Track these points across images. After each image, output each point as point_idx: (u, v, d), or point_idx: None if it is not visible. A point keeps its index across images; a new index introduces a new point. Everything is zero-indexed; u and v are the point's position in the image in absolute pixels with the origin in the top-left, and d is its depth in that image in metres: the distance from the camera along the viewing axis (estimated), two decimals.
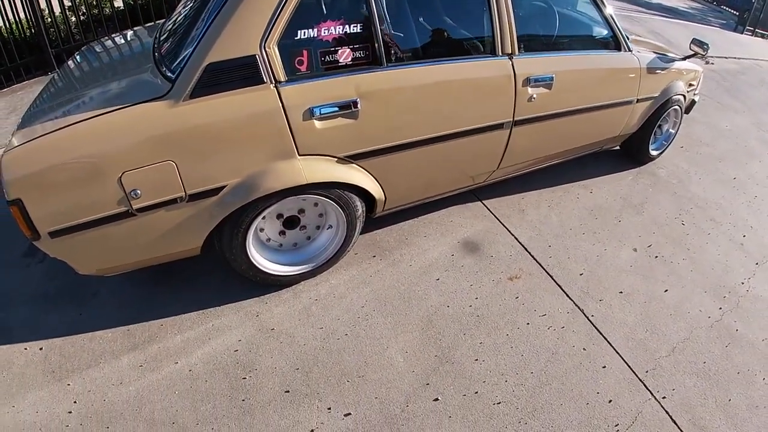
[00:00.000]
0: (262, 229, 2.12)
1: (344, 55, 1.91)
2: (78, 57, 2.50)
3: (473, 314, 2.42)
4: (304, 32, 1.81)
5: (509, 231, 3.01)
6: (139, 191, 1.66)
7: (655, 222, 3.29)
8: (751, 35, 8.82)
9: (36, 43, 4.24)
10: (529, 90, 2.56)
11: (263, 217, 2.01)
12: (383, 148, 2.11)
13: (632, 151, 3.84)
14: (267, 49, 1.73)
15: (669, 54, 3.57)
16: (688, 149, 4.34)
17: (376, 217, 2.50)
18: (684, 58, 3.63)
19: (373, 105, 1.97)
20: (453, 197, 3.01)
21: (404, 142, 2.17)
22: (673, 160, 4.09)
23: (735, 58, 6.95)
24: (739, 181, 3.96)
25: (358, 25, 1.93)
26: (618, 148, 3.85)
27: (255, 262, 2.09)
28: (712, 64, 6.59)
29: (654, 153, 3.88)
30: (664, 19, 8.66)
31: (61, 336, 2.07)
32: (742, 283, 2.93)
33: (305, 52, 1.83)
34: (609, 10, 2.97)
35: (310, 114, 1.82)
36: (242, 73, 1.70)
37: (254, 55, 1.71)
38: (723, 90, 5.88)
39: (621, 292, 2.68)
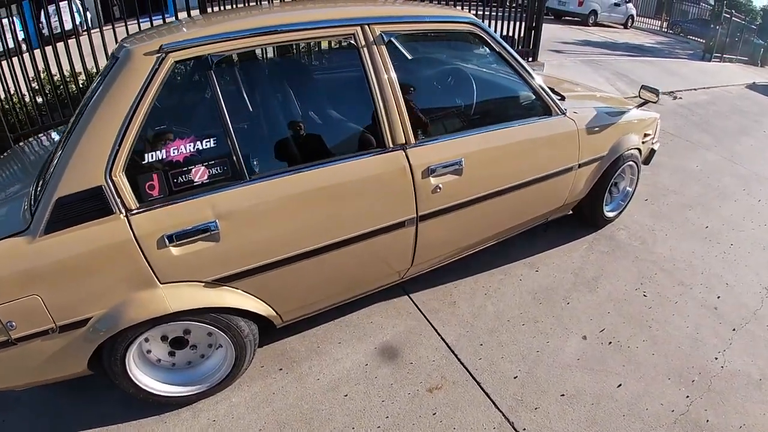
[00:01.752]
0: (149, 351, 2.06)
1: (198, 173, 1.83)
2: None
3: None
4: (152, 155, 1.77)
5: (435, 330, 2.71)
6: (14, 323, 1.68)
7: (611, 298, 2.93)
8: (719, 62, 8.61)
9: None
10: (432, 180, 2.32)
11: (146, 340, 1.98)
12: (257, 267, 1.98)
13: (585, 216, 3.52)
14: (114, 178, 1.70)
15: (617, 106, 3.32)
16: (654, 201, 4.00)
17: (285, 325, 2.34)
18: (637, 107, 3.36)
19: (234, 224, 1.86)
20: (378, 293, 2.74)
21: (282, 258, 2.01)
22: (635, 216, 3.75)
23: (703, 88, 6.69)
24: (711, 231, 3.59)
25: (211, 139, 1.85)
26: (570, 212, 3.53)
27: (142, 385, 2.03)
28: (680, 98, 6.32)
29: (610, 215, 3.56)
30: (630, 58, 8.53)
31: None
32: (716, 358, 2.55)
33: (155, 176, 1.77)
34: (530, 72, 2.75)
35: (165, 241, 1.76)
36: (91, 205, 1.69)
37: (100, 186, 1.68)
38: (692, 125, 5.58)
39: (563, 395, 2.33)
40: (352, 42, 2.17)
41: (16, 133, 4.13)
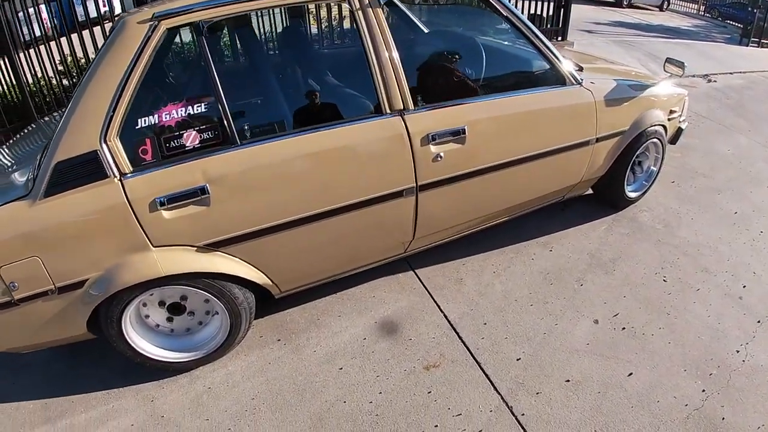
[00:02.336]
0: (147, 316, 2.09)
1: (190, 138, 1.85)
2: (17, 137, 2.61)
3: (371, 413, 2.03)
4: (145, 120, 1.81)
5: (438, 307, 2.60)
6: (16, 284, 1.75)
7: (628, 282, 2.76)
8: (757, 47, 8.19)
9: (23, 110, 4.24)
10: (432, 148, 2.22)
11: (144, 305, 2.03)
12: (249, 233, 1.97)
13: (605, 196, 3.32)
14: (109, 143, 1.74)
15: (640, 80, 3.10)
16: (681, 183, 3.77)
17: (284, 295, 2.34)
18: (660, 82, 3.14)
19: (225, 189, 1.86)
20: (383, 267, 2.66)
21: (274, 224, 1.99)
22: (660, 199, 3.53)
23: (740, 72, 6.34)
24: (741, 216, 3.36)
25: (202, 103, 1.87)
26: (590, 191, 3.34)
27: (139, 349, 2.07)
28: (715, 81, 5.99)
29: (632, 195, 3.36)
30: (664, 40, 8.15)
31: None
32: (737, 351, 2.37)
33: (148, 141, 1.81)
34: (543, 40, 2.57)
35: (157, 205, 1.78)
36: (87, 169, 1.73)
37: (95, 151, 1.73)
38: (726, 108, 5.26)
39: (568, 381, 2.18)
40: (346, 5, 2.08)
41: (43, 114, 4.27)
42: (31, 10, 4.18)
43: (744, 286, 2.78)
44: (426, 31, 3.02)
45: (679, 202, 3.54)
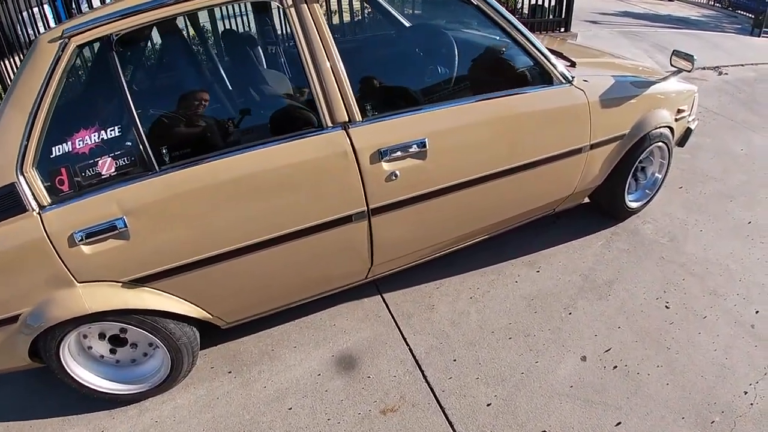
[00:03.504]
0: (90, 347, 2.01)
1: (105, 165, 1.72)
2: None
3: None
4: (60, 147, 1.69)
5: (404, 339, 2.33)
6: None
7: (625, 309, 2.43)
8: None
9: None
10: (385, 166, 1.96)
11: (84, 336, 1.96)
12: (176, 267, 1.82)
13: (603, 207, 2.99)
14: (26, 174, 1.65)
15: (644, 76, 2.77)
16: (689, 188, 3.41)
17: (233, 326, 2.19)
18: (667, 77, 2.78)
19: (144, 221, 1.73)
20: (348, 291, 2.40)
21: (203, 257, 1.83)
22: (665, 207, 3.18)
23: (752, 64, 5.91)
24: (755, 227, 3.00)
25: (116, 128, 1.73)
26: (588, 200, 3.02)
27: (82, 381, 1.98)
28: (726, 74, 5.57)
29: (634, 205, 3.02)
30: (674, 30, 7.70)
31: None
32: (745, 393, 2.05)
33: (63, 170, 1.70)
34: (523, 32, 2.24)
35: (75, 240, 1.68)
36: (6, 202, 1.65)
37: (13, 183, 1.64)
38: (738, 103, 4.86)
39: None
40: (276, 2, 1.86)
41: None
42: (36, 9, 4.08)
43: (757, 312, 2.44)
44: (377, 23, 2.73)
45: (686, 211, 3.18)
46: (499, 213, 2.47)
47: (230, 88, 2.30)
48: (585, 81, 2.43)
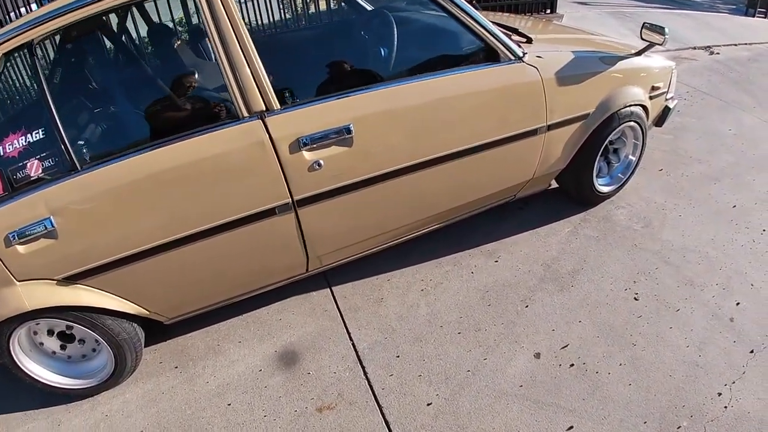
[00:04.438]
0: (41, 343, 2.04)
1: (33, 168, 1.75)
2: None
3: None
4: None
5: (349, 334, 2.19)
6: None
7: (588, 302, 2.21)
8: (764, 17, 7.45)
9: None
10: (307, 155, 1.85)
11: (35, 333, 1.98)
12: (106, 264, 1.82)
13: (571, 191, 2.75)
14: None
15: (613, 51, 2.54)
16: (671, 171, 3.16)
17: (177, 321, 2.16)
18: (639, 53, 2.55)
19: (70, 220, 1.74)
20: (297, 284, 2.33)
21: (129, 253, 1.82)
22: (642, 192, 2.94)
23: (745, 44, 5.64)
24: (740, 211, 2.76)
25: (40, 130, 1.75)
26: (556, 184, 2.80)
27: (35, 376, 2.00)
28: (717, 54, 5.31)
29: (605, 189, 2.78)
30: (665, 10, 7.41)
31: None
32: (719, 394, 1.84)
33: None
34: (462, 6, 2.05)
35: (10, 240, 1.71)
36: None
37: None
38: (729, 83, 4.60)
39: None
40: None
41: None
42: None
43: (738, 304, 2.21)
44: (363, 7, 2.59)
45: (665, 195, 2.94)
46: (446, 201, 2.28)
47: (148, 83, 2.25)
48: (538, 57, 2.22)
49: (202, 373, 2.13)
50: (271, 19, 3.65)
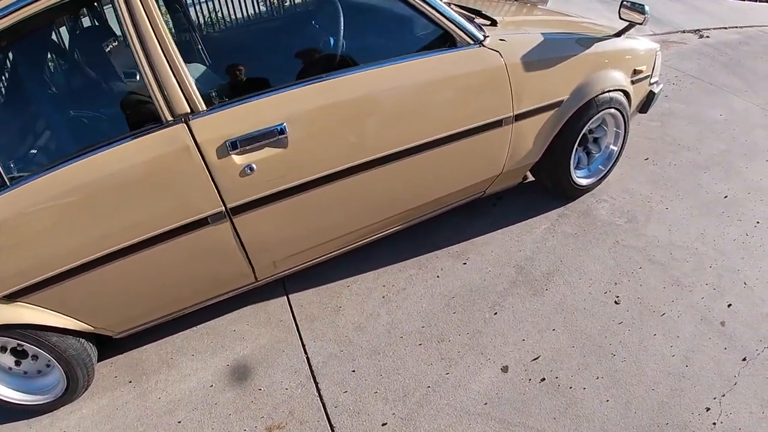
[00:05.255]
0: None
1: None
2: None
3: None
4: None
5: (303, 346, 2.04)
6: None
7: (564, 307, 2.01)
8: (756, 1, 7.31)
9: None
10: (237, 159, 1.68)
11: None
12: (41, 281, 1.73)
13: (548, 185, 2.55)
14: None
15: (589, 33, 2.33)
16: (657, 160, 2.95)
17: (126, 335, 2.07)
18: (618, 34, 2.33)
19: (2, 237, 1.65)
20: (254, 292, 2.18)
21: (63, 270, 1.72)
22: (627, 183, 2.73)
23: (736, 27, 5.45)
24: (731, 202, 2.55)
25: None
26: (532, 177, 2.60)
27: None
28: (707, 37, 5.10)
29: (584, 182, 2.57)
30: None
31: None
32: (707, 409, 1.65)
33: None
34: None
35: None
36: None
37: None
38: (719, 66, 4.40)
39: None
40: None
41: None
42: None
43: (729, 305, 2.01)
44: None
45: (651, 187, 2.73)
46: (404, 201, 2.09)
47: (77, 89, 2.13)
48: (502, 41, 2.01)
49: (155, 388, 2.04)
50: (217, 15, 3.49)
